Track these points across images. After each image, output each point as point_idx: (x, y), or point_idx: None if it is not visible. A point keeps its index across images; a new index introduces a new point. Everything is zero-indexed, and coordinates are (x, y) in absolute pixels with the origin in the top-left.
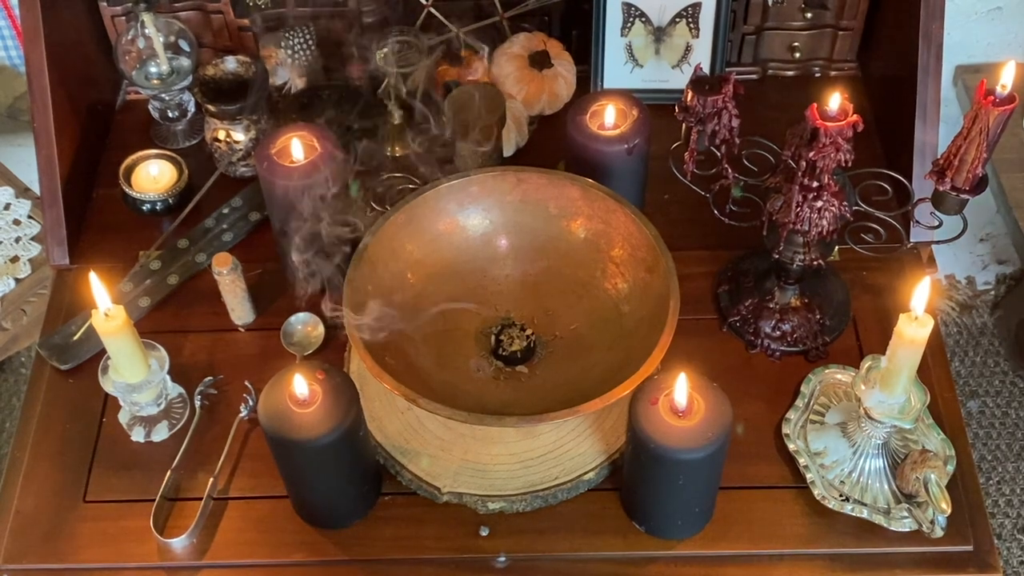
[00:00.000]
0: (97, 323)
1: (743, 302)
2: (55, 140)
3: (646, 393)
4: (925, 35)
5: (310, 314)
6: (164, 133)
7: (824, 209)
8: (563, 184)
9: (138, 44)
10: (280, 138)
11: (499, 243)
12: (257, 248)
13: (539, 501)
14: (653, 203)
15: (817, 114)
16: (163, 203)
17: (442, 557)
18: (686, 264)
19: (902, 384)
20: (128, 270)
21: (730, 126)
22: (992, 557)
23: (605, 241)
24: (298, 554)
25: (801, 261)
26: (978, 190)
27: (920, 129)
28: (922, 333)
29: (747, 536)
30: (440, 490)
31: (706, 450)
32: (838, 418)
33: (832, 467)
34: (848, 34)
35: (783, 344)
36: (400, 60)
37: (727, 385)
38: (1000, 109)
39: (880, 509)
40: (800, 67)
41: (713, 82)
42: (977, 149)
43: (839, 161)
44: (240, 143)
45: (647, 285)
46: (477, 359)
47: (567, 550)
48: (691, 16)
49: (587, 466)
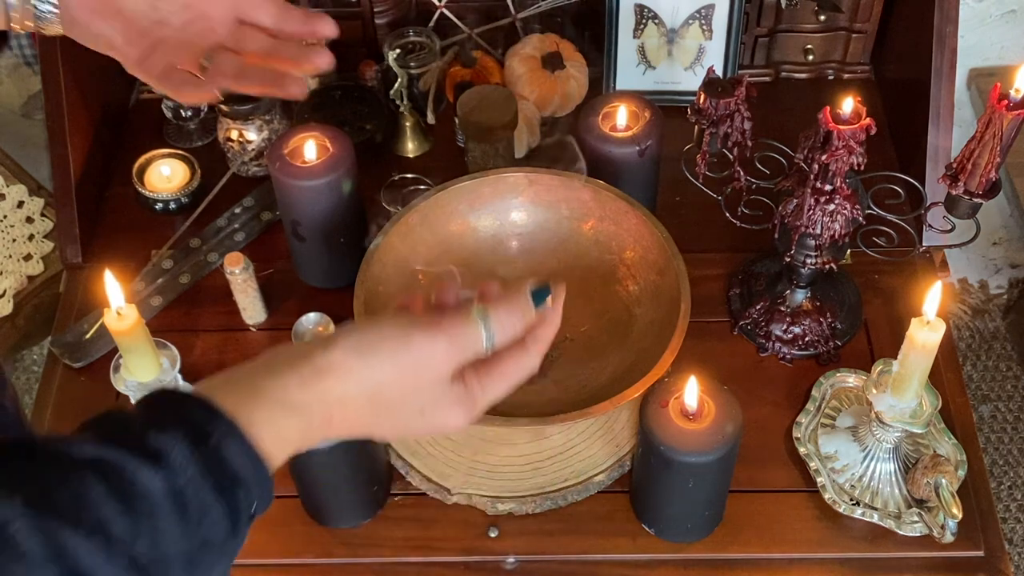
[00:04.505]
0: (109, 322)
1: (754, 305)
2: (69, 139)
3: (656, 396)
4: (939, 38)
5: (321, 314)
6: (177, 132)
7: (836, 212)
8: (575, 186)
9: None
10: (293, 138)
11: (510, 245)
12: (269, 248)
13: (549, 503)
14: (665, 205)
15: (830, 117)
16: (176, 202)
17: (451, 558)
18: (697, 267)
19: (914, 388)
20: (140, 269)
21: (742, 128)
22: (1003, 563)
23: (616, 243)
24: (308, 554)
25: (813, 264)
26: (991, 194)
27: (933, 133)
28: (934, 337)
29: (757, 540)
30: (450, 491)
31: (716, 453)
32: (849, 422)
33: (843, 471)
34: (862, 37)
35: (794, 347)
36: (413, 61)
37: (738, 388)
38: (1014, 113)
39: (891, 514)
40: (813, 69)
41: (726, 84)
42: (990, 153)
43: (852, 164)
44: (252, 143)
45: (658, 287)
46: None
47: (576, 552)
48: (704, 18)
49: (597, 468)
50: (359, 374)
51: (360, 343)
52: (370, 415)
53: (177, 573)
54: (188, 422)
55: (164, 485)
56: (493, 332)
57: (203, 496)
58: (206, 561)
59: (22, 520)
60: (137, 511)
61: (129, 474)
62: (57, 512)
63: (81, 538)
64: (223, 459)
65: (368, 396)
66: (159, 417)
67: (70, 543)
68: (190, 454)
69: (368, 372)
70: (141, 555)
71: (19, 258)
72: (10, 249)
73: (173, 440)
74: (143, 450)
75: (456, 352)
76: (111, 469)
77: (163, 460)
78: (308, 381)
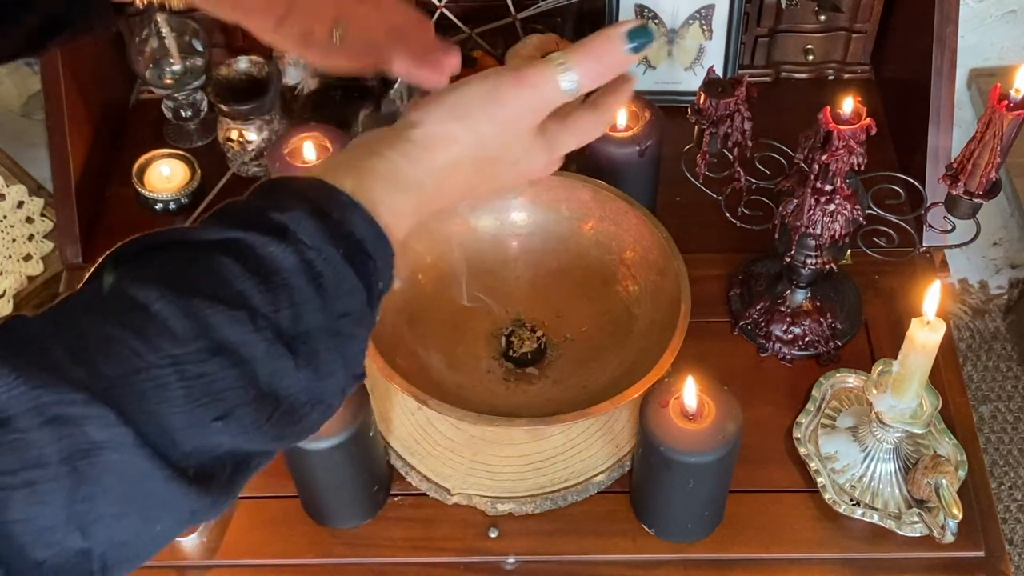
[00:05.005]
0: None
1: (755, 305)
2: (68, 138)
3: (656, 396)
4: (939, 38)
5: None
6: (177, 132)
7: (836, 212)
8: (575, 186)
9: (152, 44)
10: (293, 138)
11: (510, 245)
12: None
13: (548, 503)
14: (665, 205)
15: (830, 117)
16: (176, 202)
17: (451, 559)
18: (697, 267)
19: (914, 389)
20: None
21: (742, 128)
22: (1003, 563)
23: (616, 243)
24: (308, 554)
25: (813, 265)
26: (991, 194)
27: (934, 133)
28: (934, 338)
29: (757, 540)
30: (450, 491)
31: (716, 453)
32: (849, 422)
33: (843, 471)
34: (862, 37)
35: (794, 348)
36: None
37: (738, 388)
38: (1014, 113)
39: (891, 514)
40: (813, 70)
41: (726, 84)
42: (991, 153)
43: (852, 164)
44: (253, 143)
45: (658, 287)
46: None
47: (576, 552)
48: (704, 18)
49: (597, 468)
50: (463, 139)
51: (454, 109)
52: (476, 175)
53: (322, 345)
54: (308, 199)
55: (296, 259)
56: (576, 79)
57: (336, 267)
58: (346, 334)
59: (161, 302)
60: (274, 283)
61: (260, 249)
62: (195, 290)
63: (223, 313)
64: (349, 232)
65: (473, 158)
66: (278, 199)
67: (213, 319)
68: (315, 227)
69: (470, 135)
70: (286, 328)
71: (19, 258)
72: (10, 249)
73: (298, 216)
74: (270, 227)
75: (542, 102)
76: (241, 247)
77: (290, 235)
78: (415, 156)
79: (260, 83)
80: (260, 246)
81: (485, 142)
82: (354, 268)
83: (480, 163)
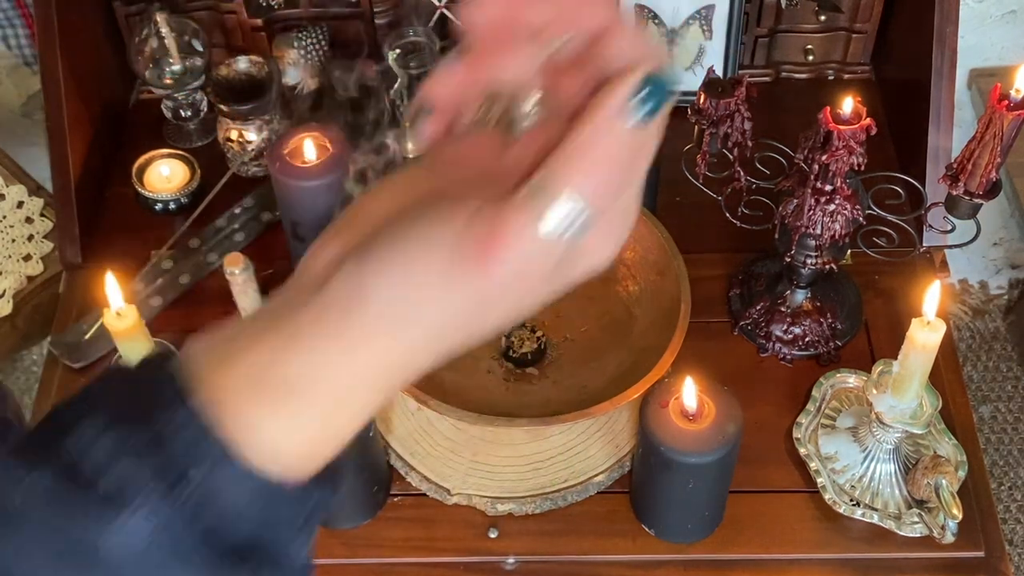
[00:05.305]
0: (109, 322)
1: (755, 305)
2: (68, 138)
3: (656, 396)
4: (939, 38)
5: None
6: (177, 132)
7: (837, 213)
8: None
9: (151, 43)
10: (293, 138)
11: None
12: (269, 248)
13: (548, 503)
14: (665, 206)
15: (830, 117)
16: (175, 202)
17: (451, 559)
18: (697, 267)
19: (914, 389)
20: (140, 269)
21: (742, 129)
22: (1003, 563)
23: None
24: None
25: (813, 265)
26: (992, 194)
27: (934, 133)
28: (934, 338)
29: (757, 540)
30: (450, 491)
31: (716, 454)
32: (849, 423)
33: (843, 472)
34: (862, 37)
35: (795, 348)
36: (413, 61)
37: (738, 389)
38: (1014, 113)
39: (891, 514)
40: (813, 70)
41: (726, 84)
42: (991, 153)
43: (852, 164)
44: (252, 143)
45: (658, 288)
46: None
47: (576, 552)
48: (704, 18)
49: (597, 469)
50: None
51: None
52: (458, 340)
53: None
54: (160, 448)
55: (126, 542)
56: (569, 209)
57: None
58: None
59: None
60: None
61: (79, 533)
62: None
63: None
64: (211, 502)
65: (439, 329)
66: (123, 434)
67: None
68: (162, 500)
69: (419, 328)
70: None
71: (19, 258)
72: (9, 249)
73: (139, 481)
74: (99, 495)
75: (525, 270)
76: (59, 522)
77: (125, 507)
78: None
79: (260, 83)
80: (81, 529)
81: (445, 333)
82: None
83: (454, 329)
